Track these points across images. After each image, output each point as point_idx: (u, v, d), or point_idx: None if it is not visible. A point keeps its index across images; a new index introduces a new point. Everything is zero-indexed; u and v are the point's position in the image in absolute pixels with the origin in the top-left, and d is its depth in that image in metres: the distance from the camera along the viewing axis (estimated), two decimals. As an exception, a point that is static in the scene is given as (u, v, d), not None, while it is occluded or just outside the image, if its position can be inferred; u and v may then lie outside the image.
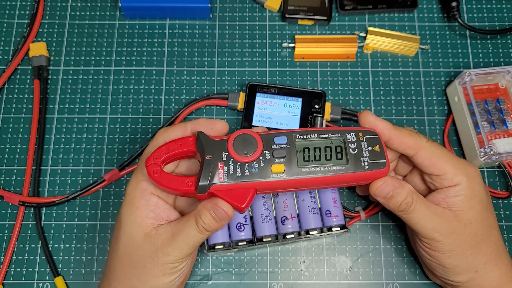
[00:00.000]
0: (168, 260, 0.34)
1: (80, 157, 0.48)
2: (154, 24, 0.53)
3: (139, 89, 0.50)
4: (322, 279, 0.44)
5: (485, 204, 0.38)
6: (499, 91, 0.48)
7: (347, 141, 0.36)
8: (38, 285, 0.44)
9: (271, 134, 0.35)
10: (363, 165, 0.35)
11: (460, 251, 0.37)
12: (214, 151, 0.34)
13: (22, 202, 0.46)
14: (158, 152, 0.34)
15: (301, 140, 0.35)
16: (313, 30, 0.53)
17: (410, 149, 0.37)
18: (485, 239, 0.37)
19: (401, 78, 0.51)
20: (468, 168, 0.37)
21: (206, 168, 0.33)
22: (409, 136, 0.37)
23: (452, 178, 0.37)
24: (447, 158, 0.37)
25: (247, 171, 0.34)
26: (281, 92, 0.48)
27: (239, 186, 0.34)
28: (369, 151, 0.36)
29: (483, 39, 0.52)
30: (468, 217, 0.37)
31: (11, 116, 0.49)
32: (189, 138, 0.35)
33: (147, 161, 0.34)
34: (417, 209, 0.37)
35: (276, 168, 0.34)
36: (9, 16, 0.53)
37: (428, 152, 0.37)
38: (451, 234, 0.36)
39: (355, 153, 0.35)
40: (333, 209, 0.43)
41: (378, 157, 0.36)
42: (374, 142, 0.36)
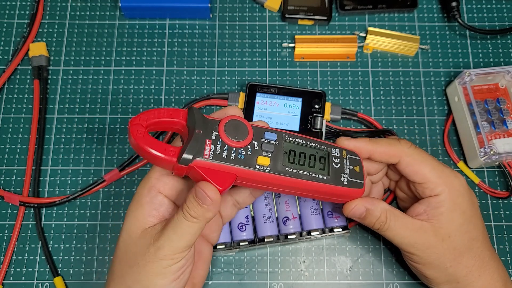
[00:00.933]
0: (159, 255, 0.32)
1: (80, 157, 0.48)
2: (154, 24, 0.53)
3: (139, 89, 0.50)
4: (322, 279, 0.44)
5: (468, 217, 0.37)
6: (499, 91, 0.48)
7: (331, 155, 0.36)
8: (38, 285, 0.44)
9: (262, 128, 0.35)
10: (342, 180, 0.36)
11: (439, 263, 0.37)
12: (205, 128, 0.33)
13: (23, 203, 0.46)
14: (146, 114, 0.32)
15: (289, 142, 0.35)
16: (313, 30, 0.53)
17: (392, 158, 0.37)
18: (466, 251, 0.37)
19: (401, 78, 0.51)
20: (453, 178, 0.37)
21: (194, 142, 0.32)
22: (388, 145, 0.37)
23: (434, 188, 0.37)
24: (430, 165, 0.37)
25: (233, 156, 0.33)
26: (281, 92, 0.48)
27: (222, 168, 0.32)
28: (349, 169, 0.36)
29: (483, 39, 0.52)
30: (447, 231, 0.36)
31: (11, 116, 0.49)
32: (181, 110, 0.34)
33: (132, 120, 0.32)
34: (391, 226, 0.37)
35: (262, 160, 0.33)
36: (9, 16, 0.53)
37: (410, 158, 0.37)
38: (428, 249, 0.37)
39: (337, 167, 0.36)
40: (335, 209, 0.43)
41: (357, 177, 0.36)
42: (355, 162, 0.37)
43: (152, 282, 0.32)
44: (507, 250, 0.45)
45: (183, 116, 0.34)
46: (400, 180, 0.42)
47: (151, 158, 0.32)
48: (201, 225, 0.32)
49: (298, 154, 0.35)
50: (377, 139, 0.39)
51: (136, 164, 0.47)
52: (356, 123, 0.49)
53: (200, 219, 0.32)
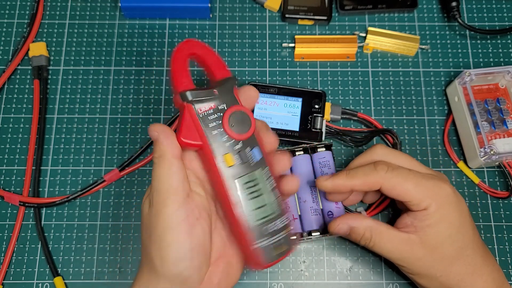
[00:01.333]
0: (154, 209, 0.32)
1: (80, 157, 0.48)
2: (154, 24, 0.53)
3: (139, 89, 0.50)
4: (322, 279, 0.44)
5: (455, 227, 0.37)
6: (499, 91, 0.48)
7: (276, 217, 0.34)
8: (38, 285, 0.44)
9: (256, 141, 0.34)
10: (255, 242, 0.34)
11: (429, 274, 0.37)
12: (222, 96, 0.34)
13: (23, 203, 0.46)
14: (202, 49, 0.35)
15: (261, 175, 0.34)
16: (313, 30, 0.53)
17: (373, 186, 0.38)
18: (455, 261, 0.37)
19: (401, 78, 0.51)
20: (438, 190, 0.37)
21: (203, 93, 0.33)
22: (365, 177, 0.37)
23: (419, 204, 0.37)
24: (413, 183, 0.37)
25: (216, 132, 0.33)
26: (281, 92, 0.48)
27: (198, 130, 0.33)
28: (274, 242, 0.34)
29: (483, 39, 0.52)
30: (434, 242, 0.36)
31: (11, 116, 0.49)
32: (226, 69, 0.36)
33: (188, 41, 0.35)
34: (377, 243, 0.38)
35: (228, 158, 0.33)
36: (9, 16, 0.53)
37: (390, 182, 0.37)
38: (416, 261, 0.37)
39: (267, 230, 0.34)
40: (335, 210, 0.43)
41: (269, 253, 0.34)
42: (283, 245, 0.35)
43: (164, 241, 0.32)
44: (507, 250, 0.45)
45: (222, 73, 0.35)
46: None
47: (170, 77, 0.35)
48: (166, 160, 0.32)
49: (256, 186, 0.34)
50: (354, 170, 0.38)
51: (136, 164, 0.47)
52: (356, 123, 0.49)
53: (160, 155, 0.32)
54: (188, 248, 0.32)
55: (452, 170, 0.48)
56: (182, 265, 0.32)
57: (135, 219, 0.46)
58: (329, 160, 0.44)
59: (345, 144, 0.48)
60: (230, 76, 0.35)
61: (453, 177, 0.47)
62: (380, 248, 0.38)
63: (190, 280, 0.33)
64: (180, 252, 0.32)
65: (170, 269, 0.32)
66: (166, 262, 0.32)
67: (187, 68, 0.34)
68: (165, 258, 0.32)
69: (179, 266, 0.32)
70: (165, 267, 0.33)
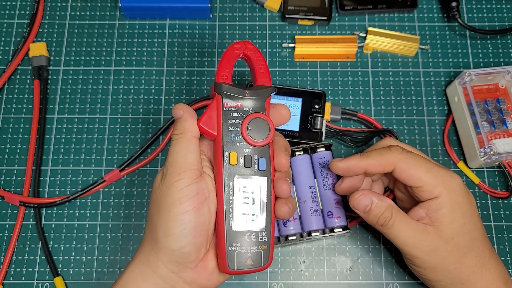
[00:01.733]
0: (167, 181, 0.34)
1: (80, 157, 0.48)
2: (154, 24, 0.53)
3: (139, 89, 0.50)
4: (322, 279, 0.44)
5: (468, 217, 0.37)
6: (499, 91, 0.48)
7: (257, 231, 0.35)
8: (38, 285, 0.44)
9: (267, 152, 0.36)
10: (231, 245, 0.35)
11: (443, 267, 0.37)
12: (253, 99, 0.36)
13: (23, 203, 0.46)
14: (248, 44, 0.37)
15: (258, 181, 0.35)
16: (313, 30, 0.53)
17: (387, 167, 0.37)
18: (468, 252, 0.37)
19: (401, 78, 0.51)
20: (449, 179, 0.37)
21: (235, 91, 0.35)
22: (380, 157, 0.37)
23: (432, 190, 0.36)
24: (426, 168, 0.37)
25: (232, 129, 0.35)
26: (281, 92, 0.48)
27: (217, 122, 0.35)
28: (250, 250, 0.35)
29: (483, 39, 0.52)
30: (449, 232, 0.36)
31: (11, 116, 0.49)
32: (269, 79, 0.37)
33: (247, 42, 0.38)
34: (396, 224, 0.36)
35: (232, 156, 0.35)
36: (9, 16, 0.53)
37: (404, 164, 0.37)
38: (432, 251, 0.36)
39: (246, 236, 0.35)
40: (335, 210, 0.43)
41: (242, 261, 0.35)
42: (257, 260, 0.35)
43: (172, 213, 0.33)
44: (507, 250, 0.45)
45: (263, 81, 0.37)
46: (395, 187, 0.42)
47: (218, 66, 0.37)
48: (185, 137, 0.34)
49: (251, 193, 0.35)
50: (368, 152, 0.38)
51: (136, 164, 0.47)
52: (356, 123, 0.49)
53: (181, 132, 0.35)
54: (193, 224, 0.33)
55: (452, 170, 0.48)
56: (184, 241, 0.33)
57: (135, 219, 0.46)
58: (329, 160, 0.44)
59: (345, 144, 0.48)
60: (269, 86, 0.37)
61: (453, 177, 0.48)
62: (398, 230, 0.36)
63: (189, 257, 0.34)
64: (185, 227, 0.33)
65: (172, 243, 0.33)
66: (170, 235, 0.33)
67: (233, 65, 0.37)
68: (169, 232, 0.33)
69: (182, 241, 0.33)
70: (168, 240, 0.33)
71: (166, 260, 0.34)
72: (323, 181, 0.44)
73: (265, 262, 0.35)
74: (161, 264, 0.34)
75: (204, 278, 0.35)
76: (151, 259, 0.34)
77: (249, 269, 0.34)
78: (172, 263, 0.34)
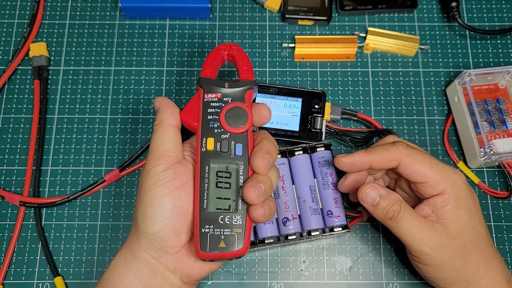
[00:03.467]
0: (146, 168, 0.35)
1: (80, 157, 0.48)
2: (154, 24, 0.53)
3: (139, 89, 0.50)
4: (322, 279, 0.44)
5: (472, 213, 0.37)
6: (499, 91, 0.48)
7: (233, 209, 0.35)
8: (38, 285, 0.44)
9: (245, 136, 0.36)
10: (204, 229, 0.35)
11: (450, 264, 0.37)
12: (233, 90, 0.37)
13: (23, 203, 0.46)
14: (233, 46, 0.40)
15: (236, 169, 0.35)
16: (313, 30, 0.53)
17: (391, 162, 0.37)
18: (473, 249, 0.37)
19: (401, 78, 0.51)
20: (453, 175, 0.37)
21: (215, 83, 0.37)
22: (385, 152, 0.37)
23: (436, 186, 0.36)
24: (430, 164, 0.37)
25: (211, 117, 0.36)
26: (281, 92, 0.48)
27: (198, 111, 0.37)
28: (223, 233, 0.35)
29: (483, 39, 0.52)
30: (456, 228, 0.36)
31: (11, 116, 0.49)
32: (251, 73, 0.39)
33: (232, 45, 0.40)
34: (406, 217, 0.36)
35: (209, 142, 0.36)
36: (9, 16, 0.53)
37: (409, 159, 0.37)
38: (440, 248, 0.36)
39: (220, 220, 0.35)
40: (335, 209, 0.43)
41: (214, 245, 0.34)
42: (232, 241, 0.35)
43: (148, 197, 0.34)
44: (507, 250, 0.45)
45: (246, 76, 0.39)
46: (400, 178, 0.42)
47: (203, 63, 0.39)
48: (163, 127, 0.36)
49: (225, 177, 0.35)
50: (372, 147, 0.38)
51: (136, 164, 0.47)
52: (356, 123, 0.49)
53: (159, 122, 0.36)
54: (169, 208, 0.34)
55: (452, 170, 0.48)
56: (160, 224, 0.34)
57: (135, 219, 0.46)
58: (329, 160, 0.44)
59: (345, 144, 0.48)
60: (251, 80, 0.38)
61: (453, 177, 0.48)
62: (407, 225, 0.36)
63: (167, 242, 0.34)
64: (161, 210, 0.34)
65: (148, 226, 0.34)
66: (146, 219, 0.34)
67: (217, 64, 0.39)
68: (146, 215, 0.34)
69: (158, 224, 0.34)
70: (145, 224, 0.34)
71: (146, 245, 0.34)
72: (323, 181, 0.44)
73: (239, 246, 0.34)
74: (142, 249, 0.35)
75: (188, 267, 0.35)
76: (134, 245, 0.35)
77: (221, 252, 0.34)
78: (152, 249, 0.34)
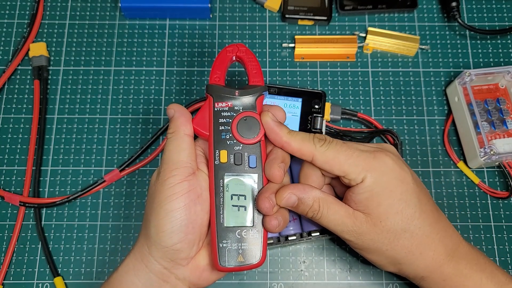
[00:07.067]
0: (160, 179, 0.34)
1: (80, 157, 0.48)
2: (154, 24, 0.53)
3: (139, 89, 0.50)
4: (322, 279, 0.44)
5: (397, 195, 0.35)
6: (499, 91, 0.48)
7: (248, 228, 0.35)
8: (38, 285, 0.44)
9: (257, 148, 0.36)
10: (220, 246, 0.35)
11: (375, 248, 0.36)
12: (243, 98, 0.36)
13: (23, 203, 0.46)
14: (240, 46, 0.39)
15: (248, 183, 0.35)
16: (313, 30, 0.53)
17: (305, 156, 0.36)
18: (401, 233, 0.36)
19: (401, 78, 0.51)
20: (371, 161, 0.35)
21: (225, 91, 0.37)
22: (301, 142, 0.36)
23: (356, 178, 0.35)
24: (345, 156, 0.35)
25: (222, 128, 0.36)
26: (281, 92, 0.48)
27: (210, 121, 0.36)
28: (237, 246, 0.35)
29: (483, 39, 0.52)
30: (377, 214, 0.35)
31: (11, 117, 0.49)
32: (261, 77, 0.38)
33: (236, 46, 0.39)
34: (324, 214, 0.36)
35: (223, 154, 0.35)
36: (9, 16, 0.53)
37: (322, 156, 0.36)
38: (360, 235, 0.36)
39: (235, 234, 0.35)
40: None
41: (230, 258, 0.35)
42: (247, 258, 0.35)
43: (164, 210, 0.34)
44: (507, 250, 0.45)
45: (255, 81, 0.38)
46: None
47: (211, 68, 0.38)
48: (178, 135, 0.35)
49: (240, 190, 0.35)
50: (296, 132, 0.37)
51: (136, 164, 0.47)
52: (356, 123, 0.49)
53: (174, 131, 0.36)
54: (184, 222, 0.34)
55: (452, 170, 0.48)
56: (175, 238, 0.34)
57: (136, 219, 0.46)
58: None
59: (345, 144, 0.48)
60: (261, 85, 0.37)
61: (453, 177, 0.48)
62: (327, 220, 0.36)
63: (180, 255, 0.34)
64: (176, 224, 0.33)
65: (163, 239, 0.34)
66: (161, 232, 0.34)
67: (226, 67, 0.38)
68: (161, 228, 0.34)
69: (173, 238, 0.34)
70: (159, 237, 0.34)
71: (158, 256, 0.34)
72: (323, 181, 0.44)
73: (257, 259, 0.35)
74: (153, 259, 0.35)
75: (195, 276, 0.36)
76: (144, 254, 0.35)
77: (240, 266, 0.35)
78: (164, 259, 0.34)
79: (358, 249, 0.38)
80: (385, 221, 0.35)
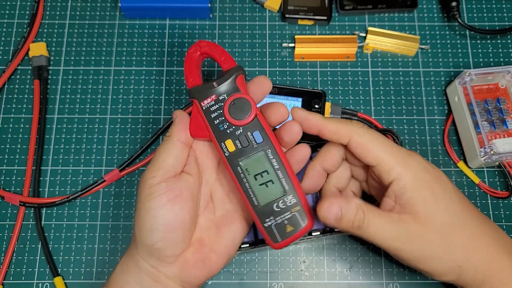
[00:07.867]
0: (144, 179, 0.35)
1: (80, 157, 0.48)
2: (154, 24, 0.53)
3: (139, 89, 0.50)
4: (322, 279, 0.44)
5: (439, 192, 0.34)
6: (499, 91, 0.48)
7: (283, 197, 0.35)
8: (38, 285, 0.44)
9: (261, 124, 0.36)
10: (266, 221, 0.35)
11: (431, 253, 0.34)
12: (223, 85, 0.36)
13: (23, 203, 0.46)
14: (211, 47, 0.38)
15: (263, 155, 0.35)
16: (313, 30, 0.53)
17: (342, 137, 0.35)
18: (452, 230, 0.34)
19: (401, 78, 0.51)
20: (407, 157, 0.34)
21: (204, 88, 0.36)
22: (339, 123, 0.35)
23: (390, 170, 0.34)
24: (382, 145, 0.34)
25: (217, 121, 0.36)
26: (281, 92, 0.48)
27: (204, 121, 0.36)
28: (282, 222, 0.35)
29: (483, 39, 0.52)
30: (424, 213, 0.33)
31: (11, 116, 0.49)
32: (232, 61, 0.37)
33: (200, 42, 0.38)
34: (371, 221, 0.34)
35: (229, 144, 0.35)
36: (9, 16, 0.53)
37: (361, 138, 0.35)
38: (414, 239, 0.33)
39: (274, 209, 0.35)
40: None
41: (280, 232, 0.35)
42: (294, 224, 0.35)
43: (149, 210, 0.34)
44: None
45: (228, 65, 0.37)
46: (368, 177, 0.39)
47: (185, 72, 0.38)
48: (170, 141, 0.36)
49: (259, 167, 0.35)
50: (330, 118, 0.37)
51: (136, 164, 0.47)
52: (356, 123, 0.49)
53: (169, 135, 0.36)
54: (162, 221, 0.34)
55: (452, 170, 0.48)
56: (155, 236, 0.34)
57: (135, 219, 0.46)
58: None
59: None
60: (234, 66, 0.37)
61: (453, 177, 0.48)
62: (374, 228, 0.33)
63: (164, 252, 0.35)
64: (154, 222, 0.34)
65: (144, 237, 0.35)
66: (142, 230, 0.35)
67: (196, 67, 0.38)
68: (142, 226, 0.35)
69: (153, 236, 0.34)
70: (141, 235, 0.35)
71: (144, 255, 0.35)
72: (323, 181, 0.43)
73: (305, 222, 0.35)
74: (141, 259, 0.35)
75: (185, 274, 0.36)
76: (134, 254, 0.36)
77: (292, 235, 0.35)
78: (150, 258, 0.35)
79: (413, 260, 0.34)
80: (434, 217, 0.34)
